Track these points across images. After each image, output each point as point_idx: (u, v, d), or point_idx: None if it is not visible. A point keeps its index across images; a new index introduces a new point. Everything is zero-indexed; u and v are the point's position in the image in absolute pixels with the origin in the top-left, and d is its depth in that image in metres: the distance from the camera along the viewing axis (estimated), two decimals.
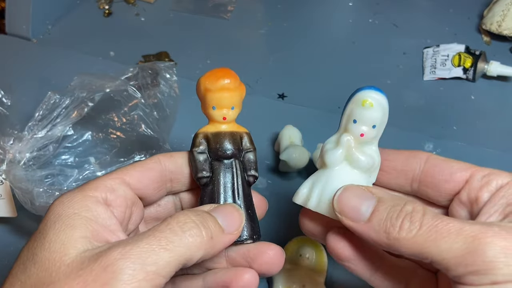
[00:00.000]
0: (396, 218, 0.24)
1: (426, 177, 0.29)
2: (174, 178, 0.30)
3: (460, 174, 0.28)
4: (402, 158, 0.30)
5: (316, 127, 0.55)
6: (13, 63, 0.63)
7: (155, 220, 0.32)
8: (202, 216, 0.26)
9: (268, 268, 0.29)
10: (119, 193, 0.27)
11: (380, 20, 0.71)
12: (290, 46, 0.67)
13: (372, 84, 0.30)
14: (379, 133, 0.29)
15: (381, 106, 0.28)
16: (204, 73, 0.30)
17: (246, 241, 0.29)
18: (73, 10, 0.72)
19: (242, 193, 0.30)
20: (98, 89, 0.44)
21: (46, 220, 0.25)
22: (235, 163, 0.30)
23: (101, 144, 0.49)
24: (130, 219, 0.28)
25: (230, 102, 0.30)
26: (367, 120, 0.28)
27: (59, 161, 0.48)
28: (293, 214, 0.48)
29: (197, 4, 0.73)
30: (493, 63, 0.60)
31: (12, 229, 0.46)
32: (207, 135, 0.30)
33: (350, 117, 0.28)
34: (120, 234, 0.25)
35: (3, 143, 0.42)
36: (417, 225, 0.24)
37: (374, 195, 0.26)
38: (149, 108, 0.47)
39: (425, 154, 0.29)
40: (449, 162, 0.29)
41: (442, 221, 0.23)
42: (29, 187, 0.40)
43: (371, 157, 0.28)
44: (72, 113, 0.44)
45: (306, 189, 0.30)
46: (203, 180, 0.30)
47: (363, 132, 0.28)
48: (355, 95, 0.28)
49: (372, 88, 0.28)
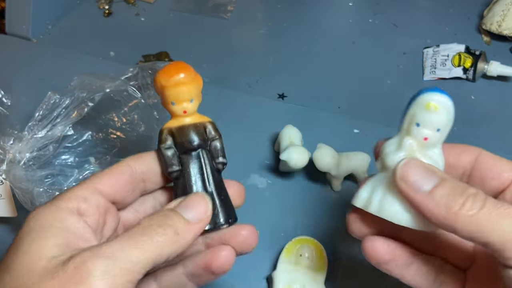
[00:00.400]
0: (460, 195, 0.25)
1: (475, 173, 0.29)
2: (146, 178, 0.31)
3: (508, 174, 0.28)
4: (455, 152, 0.30)
5: (316, 127, 0.55)
6: (13, 63, 0.63)
7: None
8: (165, 214, 0.27)
9: (244, 247, 0.30)
10: (91, 202, 0.27)
11: (380, 20, 0.71)
12: (290, 46, 0.67)
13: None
14: (444, 136, 0.28)
15: (446, 109, 0.27)
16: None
17: (222, 226, 0.30)
18: (73, 10, 0.72)
19: (213, 181, 0.31)
20: (98, 89, 0.44)
21: (21, 232, 0.25)
22: (202, 153, 0.31)
23: (101, 144, 0.49)
24: (105, 225, 0.29)
25: (188, 95, 0.30)
26: (431, 123, 0.27)
27: (59, 161, 0.48)
28: (293, 214, 0.48)
29: (197, 4, 0.73)
30: (493, 63, 0.60)
31: (12, 229, 0.46)
32: (171, 130, 0.31)
33: (413, 120, 0.28)
34: (94, 242, 0.26)
35: (3, 143, 0.42)
36: (480, 205, 0.24)
37: (438, 173, 0.27)
38: (149, 108, 0.47)
39: (477, 150, 0.30)
40: (498, 160, 0.29)
41: (503, 205, 0.24)
42: (29, 187, 0.40)
43: (435, 161, 0.28)
44: (72, 113, 0.44)
45: (367, 192, 0.29)
46: (173, 174, 0.31)
47: (427, 136, 0.27)
48: (419, 97, 0.27)
49: (437, 90, 0.27)
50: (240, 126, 0.55)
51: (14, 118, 0.44)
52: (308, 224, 0.47)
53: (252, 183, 0.50)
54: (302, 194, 0.50)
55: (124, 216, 0.32)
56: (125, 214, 0.32)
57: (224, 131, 0.31)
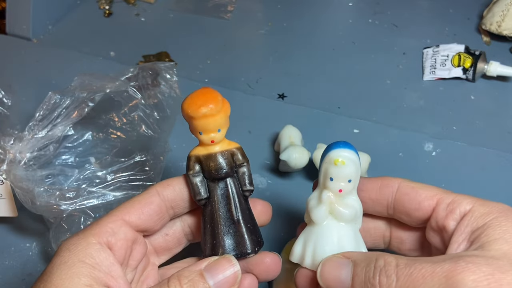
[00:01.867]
0: (373, 277, 0.25)
1: (398, 205, 0.31)
2: (175, 205, 0.32)
3: (428, 203, 0.29)
4: (375, 188, 0.31)
5: (316, 127, 0.55)
6: (13, 63, 0.63)
7: (166, 250, 0.34)
8: (192, 281, 0.28)
9: (267, 274, 0.32)
10: (120, 236, 0.29)
11: (380, 20, 0.71)
12: (290, 46, 0.67)
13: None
14: (356, 184, 0.31)
15: (352, 162, 0.30)
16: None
17: (249, 255, 0.31)
18: (74, 10, 0.72)
19: (240, 209, 0.31)
20: (98, 90, 0.45)
21: (53, 264, 0.27)
22: (229, 181, 0.32)
23: (101, 144, 0.49)
24: (131, 255, 0.30)
25: (215, 126, 0.30)
26: (342, 177, 0.30)
27: (60, 161, 0.48)
28: (293, 214, 0.48)
29: (197, 4, 0.73)
30: (493, 63, 0.60)
31: (13, 229, 0.46)
32: (199, 157, 0.31)
33: (326, 175, 0.30)
34: (120, 280, 0.27)
35: (3, 143, 0.42)
36: (394, 278, 0.24)
37: (350, 259, 0.28)
38: (149, 108, 0.47)
39: (396, 182, 0.31)
40: (417, 189, 0.30)
41: (415, 268, 0.24)
42: (29, 187, 0.40)
43: (353, 208, 0.30)
44: (72, 113, 0.44)
45: (300, 247, 0.31)
46: (201, 202, 0.31)
47: (341, 188, 0.30)
48: (327, 155, 0.30)
49: (341, 145, 0.30)
50: (240, 126, 0.55)
51: (15, 118, 0.44)
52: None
53: None
54: (302, 194, 0.50)
55: (155, 239, 0.33)
56: (156, 237, 0.33)
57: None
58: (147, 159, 0.45)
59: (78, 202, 0.41)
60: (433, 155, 0.53)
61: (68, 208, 0.40)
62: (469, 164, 0.52)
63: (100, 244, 0.28)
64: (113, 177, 0.44)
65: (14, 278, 0.43)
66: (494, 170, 0.51)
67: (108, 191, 0.43)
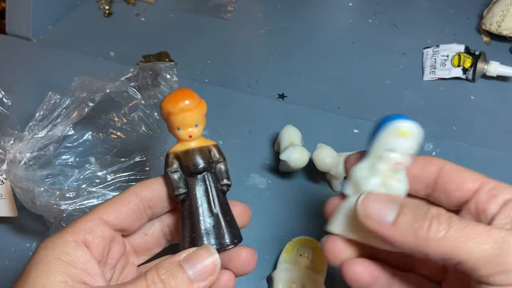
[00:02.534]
0: (423, 219, 0.25)
1: (439, 184, 0.30)
2: (153, 204, 0.32)
3: (470, 185, 0.29)
4: (419, 165, 0.30)
5: (316, 127, 0.55)
6: (13, 63, 0.63)
7: (146, 250, 0.34)
8: (171, 271, 0.28)
9: (243, 269, 0.32)
10: (97, 234, 0.29)
11: (380, 20, 0.71)
12: (290, 46, 0.67)
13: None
14: (410, 162, 0.29)
15: (417, 136, 0.28)
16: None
17: (228, 247, 0.31)
18: (73, 10, 0.72)
19: (218, 202, 0.32)
20: (98, 90, 0.45)
21: (31, 262, 0.27)
22: (207, 176, 0.32)
23: (101, 144, 0.49)
24: (109, 254, 0.30)
25: (193, 121, 0.31)
26: (404, 148, 0.28)
27: (60, 161, 0.48)
28: (293, 214, 0.48)
29: (197, 4, 0.73)
30: (493, 63, 0.60)
31: (13, 229, 0.46)
32: (177, 154, 0.32)
33: (384, 146, 0.28)
34: (97, 277, 0.28)
35: (3, 143, 0.42)
36: (446, 226, 0.24)
37: (397, 200, 0.27)
38: (149, 108, 0.47)
39: (441, 162, 0.30)
40: (461, 171, 0.30)
41: (469, 224, 0.24)
42: (29, 187, 0.40)
43: (406, 184, 0.29)
44: (72, 113, 0.44)
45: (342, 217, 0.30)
46: (180, 197, 0.32)
47: (400, 161, 0.28)
48: (389, 125, 0.28)
49: (405, 117, 0.28)
50: (240, 126, 0.55)
51: (15, 118, 0.44)
52: (308, 224, 0.47)
53: (252, 183, 0.50)
54: (302, 194, 0.50)
55: (134, 239, 0.33)
56: (135, 237, 0.33)
57: (224, 131, 0.31)
58: (147, 159, 0.45)
59: (78, 202, 0.41)
60: (433, 155, 0.53)
61: (68, 208, 0.40)
62: (469, 164, 0.51)
63: (77, 242, 0.28)
64: (113, 177, 0.45)
65: (14, 278, 0.43)
66: (494, 170, 0.51)
67: (108, 191, 0.43)
